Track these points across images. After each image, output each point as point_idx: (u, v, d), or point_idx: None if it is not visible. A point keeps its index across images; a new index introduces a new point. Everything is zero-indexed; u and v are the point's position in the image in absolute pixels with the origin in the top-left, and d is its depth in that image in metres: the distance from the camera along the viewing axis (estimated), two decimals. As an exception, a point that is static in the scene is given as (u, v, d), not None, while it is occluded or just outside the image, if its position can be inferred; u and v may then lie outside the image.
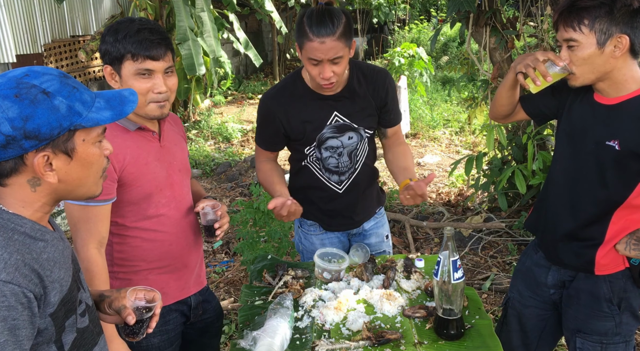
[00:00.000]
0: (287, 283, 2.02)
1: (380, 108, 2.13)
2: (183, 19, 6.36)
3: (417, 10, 16.21)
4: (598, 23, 1.53)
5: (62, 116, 1.02)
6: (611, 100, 1.64)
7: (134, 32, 1.54)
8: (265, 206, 3.32)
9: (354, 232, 2.33)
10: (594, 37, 1.55)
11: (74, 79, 1.09)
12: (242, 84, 11.67)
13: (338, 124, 2.06)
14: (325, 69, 1.85)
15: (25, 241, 1.03)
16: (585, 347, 1.80)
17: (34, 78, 1.02)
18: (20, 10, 7.11)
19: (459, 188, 5.47)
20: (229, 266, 4.01)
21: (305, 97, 2.04)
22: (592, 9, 1.53)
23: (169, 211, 1.73)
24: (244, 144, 7.69)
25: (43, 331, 1.03)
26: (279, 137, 2.11)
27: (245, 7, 9.91)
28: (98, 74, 8.68)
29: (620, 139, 1.59)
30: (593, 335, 1.79)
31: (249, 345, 1.65)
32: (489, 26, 3.74)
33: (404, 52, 8.09)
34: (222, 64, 7.76)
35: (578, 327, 1.81)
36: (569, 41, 1.59)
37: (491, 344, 1.65)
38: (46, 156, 1.03)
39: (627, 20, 1.52)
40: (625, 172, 1.62)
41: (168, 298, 1.78)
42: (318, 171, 2.15)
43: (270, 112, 2.07)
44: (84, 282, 1.22)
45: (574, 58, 1.60)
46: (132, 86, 1.56)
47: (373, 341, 1.64)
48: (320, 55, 1.83)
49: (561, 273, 1.86)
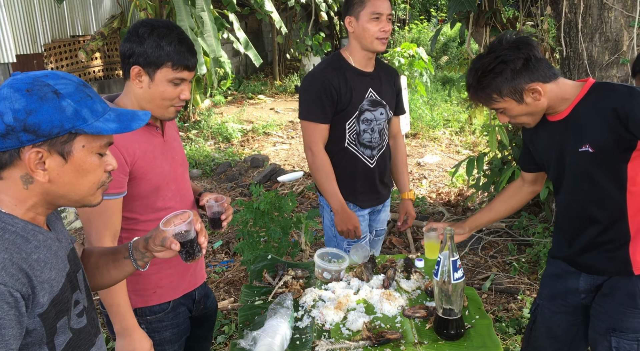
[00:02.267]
0: (287, 283, 2.02)
1: (397, 95, 2.54)
2: (183, 19, 6.36)
3: (417, 10, 16.22)
4: (504, 90, 1.67)
5: (65, 117, 1.02)
6: (561, 114, 1.75)
7: (177, 42, 1.61)
8: (265, 206, 3.32)
9: (378, 208, 2.64)
10: (511, 99, 1.69)
11: (92, 89, 1.11)
12: (242, 84, 11.68)
13: (372, 99, 2.41)
14: (385, 23, 2.27)
15: (16, 241, 1.03)
16: (622, 346, 1.77)
17: (52, 79, 1.04)
18: (20, 10, 7.11)
19: (459, 188, 5.47)
20: (229, 266, 4.01)
21: (349, 71, 2.37)
22: (491, 85, 1.68)
23: (175, 204, 1.77)
24: (244, 144, 7.69)
25: (32, 331, 1.02)
26: (333, 106, 2.34)
27: (245, 7, 9.91)
28: (98, 74, 8.68)
29: (589, 142, 1.67)
30: (629, 333, 1.76)
31: (249, 344, 1.65)
32: (489, 26, 3.74)
33: (404, 52, 8.10)
34: (222, 64, 7.76)
35: (613, 326, 1.78)
36: (497, 110, 1.75)
37: (491, 344, 1.65)
38: (40, 153, 1.02)
39: (524, 73, 1.65)
40: (608, 167, 1.68)
41: (178, 291, 1.82)
42: (354, 147, 2.42)
43: (325, 83, 2.32)
44: (81, 283, 1.22)
45: (511, 117, 1.75)
46: (164, 92, 1.63)
47: (373, 341, 1.64)
48: (383, 9, 2.25)
49: (594, 278, 1.83)
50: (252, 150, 7.33)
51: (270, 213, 3.38)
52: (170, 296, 1.79)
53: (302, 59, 12.98)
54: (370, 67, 2.40)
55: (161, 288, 1.76)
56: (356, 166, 2.44)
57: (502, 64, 1.65)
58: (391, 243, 4.26)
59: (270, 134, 8.12)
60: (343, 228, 2.40)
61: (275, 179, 5.83)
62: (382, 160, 2.51)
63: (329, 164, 2.38)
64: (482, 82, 1.69)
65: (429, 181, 5.86)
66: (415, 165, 6.40)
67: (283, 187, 5.62)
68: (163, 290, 1.77)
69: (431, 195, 5.41)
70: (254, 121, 8.87)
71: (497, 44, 1.69)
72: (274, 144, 7.64)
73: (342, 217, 2.38)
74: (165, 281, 1.77)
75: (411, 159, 6.55)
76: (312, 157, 2.38)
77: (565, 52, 3.54)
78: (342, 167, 2.43)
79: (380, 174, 2.52)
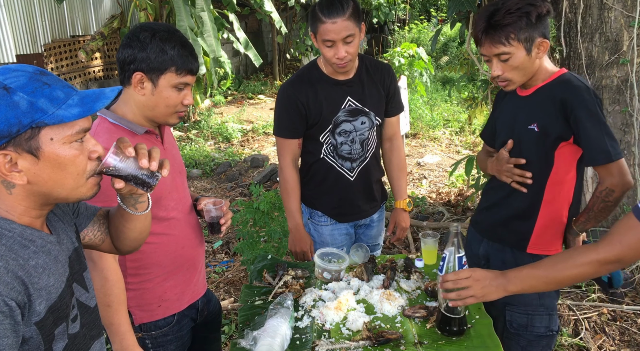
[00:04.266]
0: (287, 283, 2.02)
1: (386, 97, 2.33)
2: (183, 19, 6.36)
3: (417, 10, 16.21)
4: (522, 34, 1.72)
5: (21, 113, 0.95)
6: (527, 91, 1.89)
7: (180, 45, 1.56)
8: (265, 206, 3.32)
9: (361, 223, 2.46)
10: (522, 46, 1.74)
11: (51, 75, 1.02)
12: (242, 84, 11.68)
13: (351, 109, 2.24)
14: (340, 49, 2.03)
15: (13, 247, 0.99)
16: (514, 318, 1.94)
17: (1, 75, 0.97)
18: (20, 10, 7.11)
19: (459, 188, 5.47)
20: (229, 266, 4.01)
21: (321, 82, 2.22)
22: (515, 23, 1.71)
23: (177, 214, 1.73)
24: (244, 144, 7.69)
25: (28, 340, 0.99)
26: (302, 121, 2.23)
27: (245, 7, 9.91)
28: (98, 74, 8.68)
29: (537, 122, 1.82)
30: (520, 306, 1.92)
31: (249, 344, 1.65)
32: (489, 26, 3.73)
33: (404, 52, 8.09)
34: (222, 64, 7.76)
35: (507, 301, 1.85)
36: (500, 55, 1.77)
37: (491, 344, 1.65)
38: (8, 156, 0.96)
39: (540, 25, 1.74)
40: (543, 150, 1.83)
41: (183, 303, 1.79)
42: (332, 159, 2.30)
43: (290, 97, 2.21)
44: (88, 282, 1.20)
45: (507, 68, 1.78)
46: (169, 97, 1.58)
47: (373, 341, 1.64)
48: (334, 36, 2.00)
49: (485, 246, 2.05)
50: (252, 150, 7.34)
51: (270, 213, 3.38)
52: (176, 309, 1.76)
53: (302, 59, 12.98)
54: (348, 74, 2.21)
55: (166, 301, 1.73)
56: (333, 178, 2.31)
57: (531, 6, 1.71)
58: (391, 243, 4.26)
59: (270, 134, 8.12)
60: (293, 249, 2.37)
61: (275, 179, 5.83)
62: (365, 173, 2.33)
63: (293, 180, 2.30)
64: (506, 19, 1.70)
65: (429, 181, 5.86)
66: (415, 165, 6.41)
67: (283, 187, 5.62)
68: (168, 303, 1.74)
69: (431, 195, 5.41)
70: (254, 121, 8.87)
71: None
72: (274, 144, 7.64)
73: (295, 237, 2.34)
74: (170, 293, 1.74)
75: (411, 159, 6.55)
76: (279, 171, 2.33)
77: (565, 52, 3.55)
78: (319, 179, 2.34)
79: (364, 188, 2.36)
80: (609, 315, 3.10)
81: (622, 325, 3.02)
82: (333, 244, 2.40)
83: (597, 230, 3.67)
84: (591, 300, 3.22)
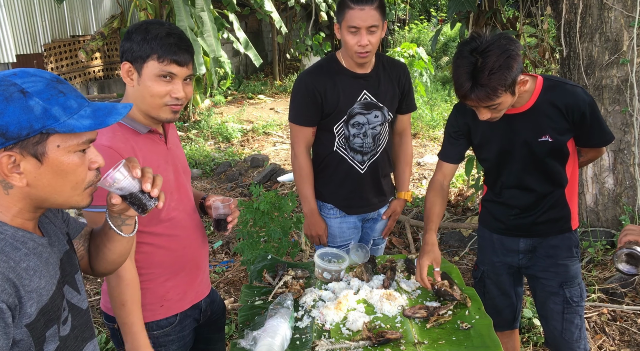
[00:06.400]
0: (287, 283, 2.02)
1: (401, 94, 2.41)
2: (183, 19, 6.36)
3: (417, 10, 16.22)
4: (507, 84, 1.73)
5: (34, 117, 0.97)
6: (521, 108, 1.93)
7: (164, 35, 1.55)
8: (265, 206, 3.32)
9: (369, 216, 2.53)
10: (509, 93, 1.76)
11: (67, 84, 1.04)
12: (242, 84, 11.68)
13: (366, 102, 2.31)
14: (363, 36, 2.11)
15: (4, 249, 0.99)
16: (573, 293, 2.09)
17: (20, 78, 0.99)
18: (20, 10, 7.11)
19: (459, 188, 5.47)
20: (229, 266, 4.01)
21: (340, 74, 2.29)
22: (500, 80, 1.70)
23: (179, 214, 1.73)
24: (244, 144, 7.69)
25: (19, 342, 0.99)
26: (317, 110, 2.29)
27: (245, 7, 9.91)
28: (98, 74, 8.68)
29: (549, 134, 1.92)
30: (574, 280, 2.09)
31: (249, 344, 1.65)
32: (489, 26, 3.74)
33: (404, 52, 8.09)
34: (222, 64, 7.76)
35: (563, 280, 2.08)
36: (489, 107, 1.79)
37: (491, 344, 1.65)
38: (12, 157, 0.98)
39: (519, 67, 1.74)
40: (558, 151, 1.96)
41: (186, 303, 1.78)
42: (344, 151, 2.36)
43: (308, 86, 2.27)
44: (80, 284, 1.19)
45: (497, 113, 1.83)
46: (151, 87, 1.56)
47: (373, 341, 1.64)
48: (360, 22, 2.09)
49: (525, 241, 2.12)
50: (252, 150, 7.34)
51: (270, 213, 3.37)
52: (178, 309, 1.76)
53: (302, 59, 12.98)
54: (366, 68, 2.30)
55: (168, 301, 1.73)
56: (345, 170, 2.38)
57: (510, 59, 1.71)
58: (391, 243, 4.26)
59: (270, 134, 8.12)
60: (308, 233, 2.47)
61: (275, 179, 5.83)
62: (375, 167, 2.41)
63: (307, 167, 2.37)
64: (492, 80, 1.70)
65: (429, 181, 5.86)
66: (415, 165, 6.41)
67: (283, 187, 5.62)
68: (170, 303, 1.73)
69: (431, 195, 5.40)
70: (254, 121, 8.87)
71: (495, 39, 1.73)
72: (274, 144, 7.64)
73: (310, 222, 2.44)
74: (172, 293, 1.73)
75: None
76: (293, 159, 2.40)
77: (565, 52, 3.55)
78: (331, 171, 2.40)
79: (374, 181, 2.43)
80: (609, 315, 3.10)
81: (622, 325, 3.02)
82: (341, 237, 2.48)
83: (597, 230, 3.68)
84: (591, 300, 3.22)
